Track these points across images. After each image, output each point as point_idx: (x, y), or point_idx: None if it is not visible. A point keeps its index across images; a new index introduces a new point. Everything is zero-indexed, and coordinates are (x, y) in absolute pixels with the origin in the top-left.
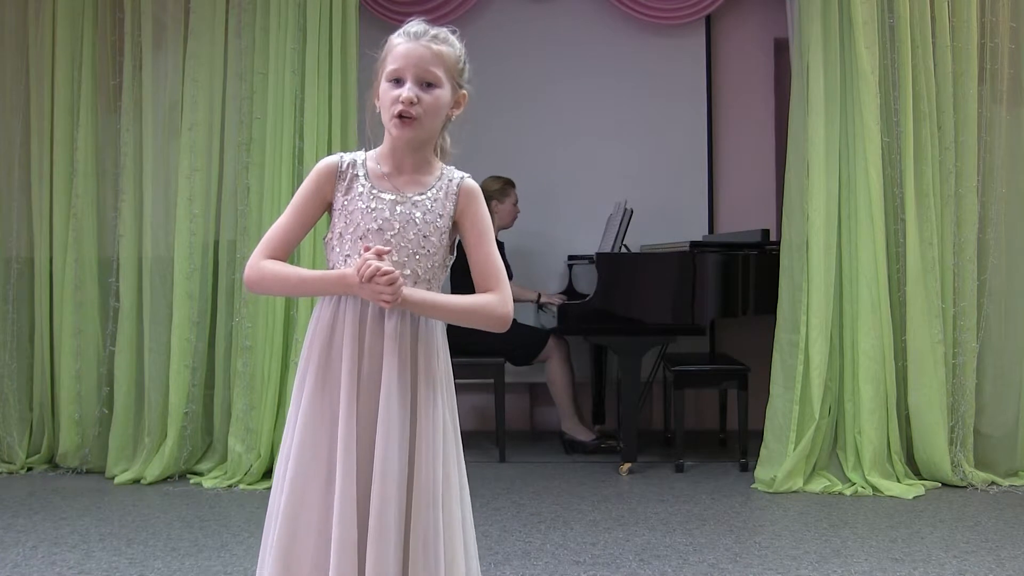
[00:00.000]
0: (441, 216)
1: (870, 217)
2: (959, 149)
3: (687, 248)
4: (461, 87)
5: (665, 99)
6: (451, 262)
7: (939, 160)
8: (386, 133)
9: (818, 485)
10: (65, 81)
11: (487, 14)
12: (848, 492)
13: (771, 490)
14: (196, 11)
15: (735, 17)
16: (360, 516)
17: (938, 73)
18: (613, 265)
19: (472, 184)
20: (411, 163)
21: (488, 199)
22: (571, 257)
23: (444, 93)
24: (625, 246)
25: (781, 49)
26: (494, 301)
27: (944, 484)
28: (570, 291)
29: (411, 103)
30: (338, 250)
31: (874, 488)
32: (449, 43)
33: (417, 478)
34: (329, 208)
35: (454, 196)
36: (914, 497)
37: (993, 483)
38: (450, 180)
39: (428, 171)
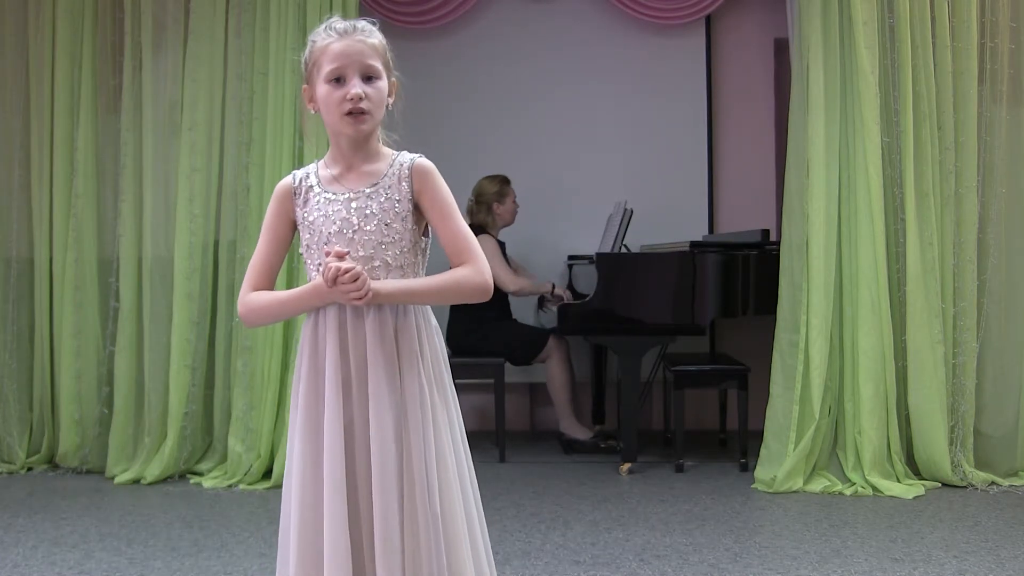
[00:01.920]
0: (399, 201)
1: (870, 217)
2: (959, 149)
3: (687, 248)
4: (392, 76)
5: (665, 99)
6: (426, 245)
7: (939, 160)
8: (331, 136)
9: (818, 485)
10: (65, 81)
11: (487, 15)
12: (848, 492)
13: (771, 490)
14: (196, 11)
15: (735, 17)
16: (363, 515)
17: (938, 73)
18: (613, 265)
19: (424, 163)
20: (360, 158)
21: (488, 203)
22: (571, 257)
23: (384, 84)
24: (625, 246)
25: (781, 49)
26: (468, 273)
27: (944, 484)
28: (570, 291)
29: (360, 99)
30: (309, 263)
31: (874, 488)
32: (376, 35)
33: (408, 467)
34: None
35: (408, 178)
36: (914, 497)
37: (993, 483)
38: (401, 164)
39: (377, 160)
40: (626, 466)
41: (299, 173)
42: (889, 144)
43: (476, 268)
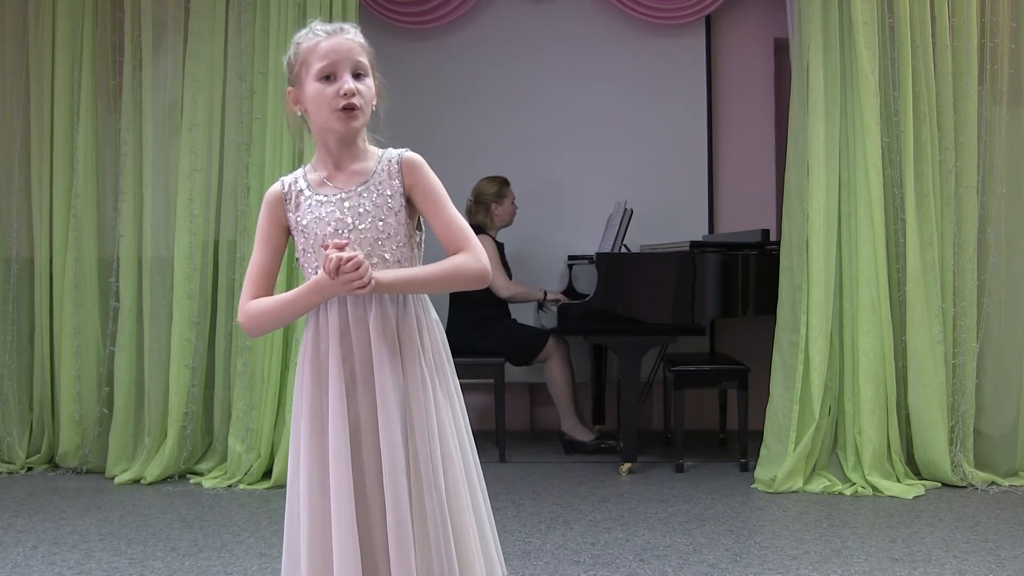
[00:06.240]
0: (391, 196)
1: (870, 217)
2: (959, 149)
3: (687, 248)
4: (376, 77)
5: (665, 99)
6: (420, 239)
7: (939, 160)
8: (317, 138)
9: (818, 485)
10: (65, 81)
11: (487, 14)
12: (848, 492)
13: (771, 490)
14: (196, 11)
15: (735, 17)
16: (373, 514)
17: (938, 73)
18: (613, 265)
19: (413, 156)
20: (348, 158)
21: (486, 203)
22: (571, 257)
23: (372, 82)
24: (625, 246)
25: (781, 49)
26: (466, 259)
27: (944, 484)
28: (570, 291)
29: (354, 94)
30: (307, 267)
31: (874, 488)
32: (360, 35)
33: (415, 460)
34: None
35: (397, 173)
36: (914, 497)
37: (993, 483)
38: (390, 160)
39: (365, 159)
40: (626, 466)
41: (287, 179)
42: (889, 144)
43: (474, 255)
